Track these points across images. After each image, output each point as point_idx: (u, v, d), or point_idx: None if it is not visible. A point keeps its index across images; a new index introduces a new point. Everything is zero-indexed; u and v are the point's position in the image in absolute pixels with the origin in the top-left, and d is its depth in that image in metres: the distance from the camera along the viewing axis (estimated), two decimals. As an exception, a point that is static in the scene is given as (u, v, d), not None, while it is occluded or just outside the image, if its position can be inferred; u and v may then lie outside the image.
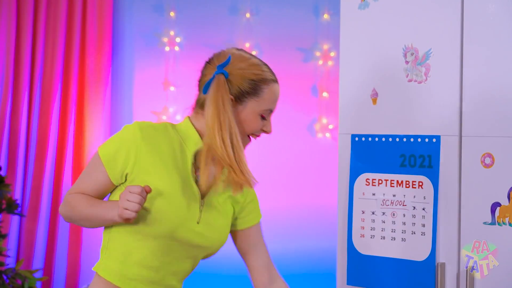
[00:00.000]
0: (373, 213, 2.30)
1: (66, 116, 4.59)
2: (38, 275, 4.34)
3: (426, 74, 2.21)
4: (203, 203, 1.92)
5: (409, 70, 2.25)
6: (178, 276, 1.96)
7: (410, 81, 2.25)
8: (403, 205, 2.25)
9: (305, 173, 4.75)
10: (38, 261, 4.49)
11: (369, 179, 2.31)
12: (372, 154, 2.30)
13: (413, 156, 2.23)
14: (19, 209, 4.28)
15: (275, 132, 2.05)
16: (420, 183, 2.21)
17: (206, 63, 1.95)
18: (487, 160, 2.11)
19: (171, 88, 4.69)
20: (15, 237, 4.48)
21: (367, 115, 2.33)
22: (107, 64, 4.62)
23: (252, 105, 1.91)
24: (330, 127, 4.73)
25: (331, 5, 4.69)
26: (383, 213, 2.28)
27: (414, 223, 2.22)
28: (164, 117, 4.67)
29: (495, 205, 2.09)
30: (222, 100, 1.87)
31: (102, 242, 1.97)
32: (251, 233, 2.06)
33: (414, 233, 2.22)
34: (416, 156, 2.22)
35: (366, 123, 2.33)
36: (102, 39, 4.62)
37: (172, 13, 4.71)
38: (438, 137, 2.19)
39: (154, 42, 4.73)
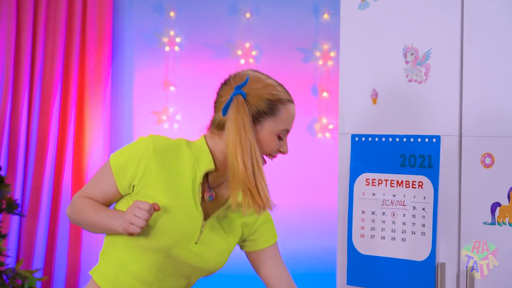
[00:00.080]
0: (373, 213, 2.30)
1: (66, 116, 4.59)
2: (38, 275, 4.34)
3: (426, 74, 2.21)
4: (204, 224, 1.92)
5: (409, 70, 2.25)
6: None
7: (410, 81, 2.25)
8: (403, 205, 2.24)
9: (305, 173, 4.75)
10: (38, 261, 4.49)
11: (369, 179, 2.31)
12: (372, 154, 2.30)
13: (413, 156, 2.23)
14: (19, 209, 4.28)
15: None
16: (420, 183, 2.21)
17: (221, 84, 1.94)
18: (487, 160, 2.11)
19: (171, 88, 4.68)
20: (15, 237, 4.48)
21: (367, 115, 2.33)
22: (107, 64, 4.62)
23: (269, 125, 1.90)
24: (330, 127, 4.73)
25: (331, 5, 4.69)
26: (383, 213, 2.28)
27: (414, 223, 2.22)
28: (164, 117, 4.67)
29: (495, 205, 2.09)
30: (243, 122, 1.86)
31: (103, 246, 1.99)
32: (267, 255, 2.05)
33: (414, 233, 2.22)
34: (416, 156, 2.22)
35: (366, 123, 2.33)
36: (102, 39, 4.62)
37: (172, 13, 4.71)
38: (438, 137, 2.19)
39: (154, 42, 4.73)
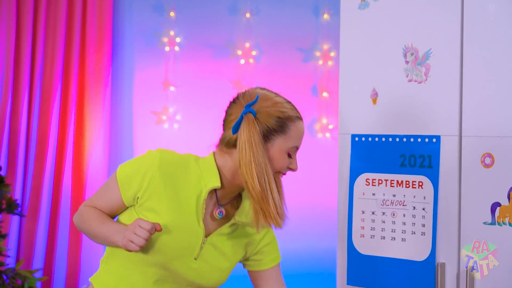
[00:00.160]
0: (373, 213, 2.30)
1: (66, 116, 4.59)
2: (38, 275, 4.33)
3: (426, 74, 2.21)
4: (205, 241, 1.93)
5: (409, 70, 2.25)
6: None
7: (410, 81, 2.25)
8: (403, 205, 2.24)
9: (305, 173, 4.73)
10: (38, 261, 4.48)
11: (369, 179, 2.31)
12: (372, 154, 2.30)
13: (413, 156, 2.23)
14: (19, 209, 4.27)
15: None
16: (420, 183, 2.21)
17: (231, 102, 1.95)
18: (487, 160, 2.11)
19: (171, 88, 4.68)
20: (15, 237, 4.48)
21: (367, 115, 2.33)
22: (107, 64, 4.62)
23: (279, 143, 1.90)
24: (330, 127, 4.73)
25: (331, 5, 4.69)
26: (383, 213, 2.28)
27: (414, 223, 2.22)
28: (164, 117, 4.67)
29: (495, 205, 2.09)
30: (254, 140, 1.86)
31: (104, 254, 2.01)
32: (269, 275, 2.06)
33: (414, 233, 2.22)
34: (416, 156, 2.22)
35: (366, 123, 2.33)
36: (102, 39, 4.62)
37: (172, 13, 4.71)
38: (438, 137, 2.19)
39: (154, 42, 4.73)
